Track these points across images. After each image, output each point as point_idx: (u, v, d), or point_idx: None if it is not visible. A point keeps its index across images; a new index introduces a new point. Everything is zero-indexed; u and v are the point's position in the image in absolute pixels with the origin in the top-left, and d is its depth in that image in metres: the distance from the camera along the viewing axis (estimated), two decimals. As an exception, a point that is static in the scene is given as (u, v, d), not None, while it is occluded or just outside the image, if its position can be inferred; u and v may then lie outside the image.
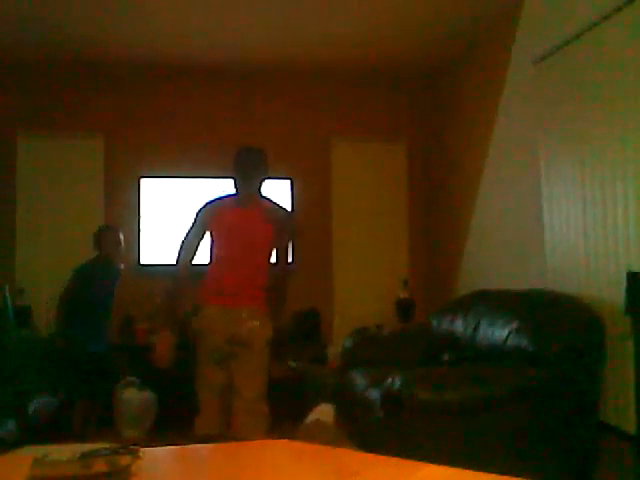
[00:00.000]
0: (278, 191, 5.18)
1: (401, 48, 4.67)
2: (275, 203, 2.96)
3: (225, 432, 2.63)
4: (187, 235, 2.85)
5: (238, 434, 2.56)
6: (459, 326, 3.51)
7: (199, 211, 2.91)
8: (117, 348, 4.54)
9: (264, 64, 4.95)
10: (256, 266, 2.82)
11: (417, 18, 4.11)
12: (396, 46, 4.62)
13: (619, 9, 2.73)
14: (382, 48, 4.66)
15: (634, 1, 2.64)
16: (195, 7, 3.88)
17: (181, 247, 2.82)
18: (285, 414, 3.98)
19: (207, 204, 2.94)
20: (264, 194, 2.99)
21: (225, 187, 5.16)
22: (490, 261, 4.27)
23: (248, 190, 2.93)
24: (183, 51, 4.66)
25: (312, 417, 3.21)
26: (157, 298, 3.54)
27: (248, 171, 2.93)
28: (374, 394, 2.94)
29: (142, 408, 3.99)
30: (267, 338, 2.75)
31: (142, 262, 4.88)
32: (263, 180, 2.97)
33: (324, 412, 3.24)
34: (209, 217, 2.87)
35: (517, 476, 1.03)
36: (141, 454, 1.19)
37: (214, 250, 2.85)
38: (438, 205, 5.29)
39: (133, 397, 3.98)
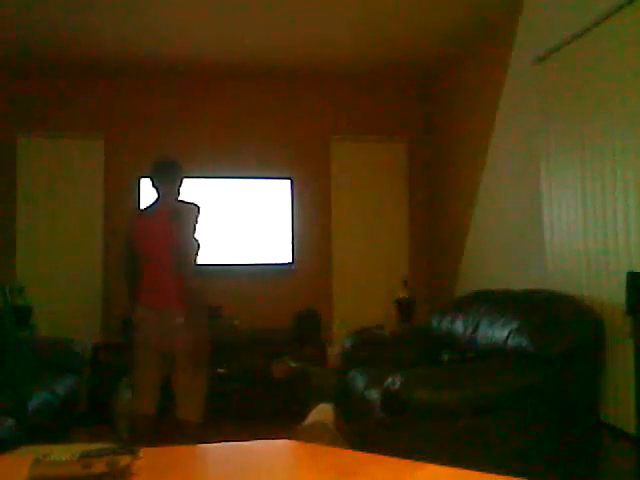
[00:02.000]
0: (278, 191, 5.20)
1: (401, 48, 4.67)
2: (183, 201, 3.15)
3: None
4: None
5: None
6: (459, 326, 3.51)
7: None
8: (117, 348, 4.55)
9: (264, 64, 4.95)
10: (170, 267, 3.00)
11: (417, 18, 4.11)
12: (396, 46, 4.62)
13: (619, 9, 2.73)
14: (382, 48, 4.65)
15: (634, 1, 2.64)
16: (195, 7, 3.88)
17: None
18: (285, 414, 3.99)
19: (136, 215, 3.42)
20: (180, 197, 3.20)
21: (225, 187, 5.19)
22: (490, 261, 4.27)
23: (165, 197, 3.14)
24: (183, 51, 4.66)
25: (311, 418, 3.20)
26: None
27: (162, 179, 3.14)
28: (374, 394, 2.94)
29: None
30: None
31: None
32: (179, 185, 3.18)
33: (323, 413, 3.23)
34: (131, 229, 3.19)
35: (517, 476, 1.03)
36: (141, 454, 1.19)
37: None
38: (438, 205, 5.29)
39: (133, 397, 3.97)
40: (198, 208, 3.05)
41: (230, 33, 4.33)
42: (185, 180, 3.21)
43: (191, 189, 5.00)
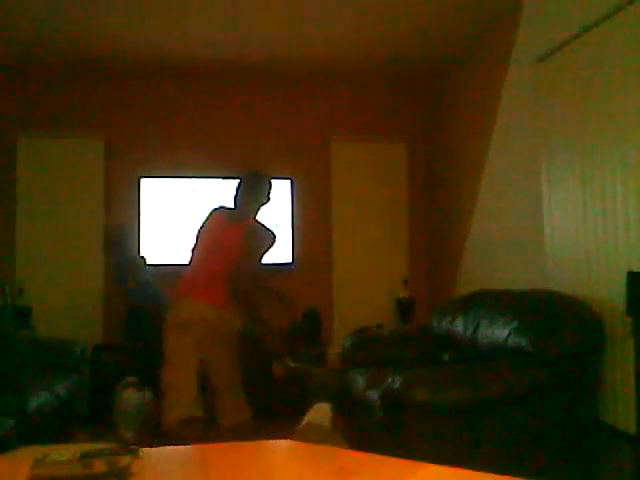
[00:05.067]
0: (278, 191, 5.19)
1: (401, 48, 4.67)
2: (261, 224, 3.24)
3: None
4: None
5: None
6: (459, 326, 3.51)
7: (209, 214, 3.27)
8: (117, 348, 4.56)
9: (264, 64, 4.95)
10: (220, 274, 3.08)
11: (417, 18, 4.11)
12: (396, 46, 4.62)
13: (619, 9, 2.73)
14: (382, 48, 4.65)
15: (634, 1, 2.64)
16: (195, 7, 3.88)
17: None
18: (285, 414, 3.98)
19: (215, 210, 3.29)
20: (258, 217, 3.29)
21: (224, 187, 5.19)
22: (490, 261, 4.27)
23: (244, 210, 3.20)
24: (183, 51, 4.65)
25: (307, 418, 3.20)
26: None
27: (251, 196, 3.20)
28: (374, 394, 2.94)
29: (142, 408, 3.99)
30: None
31: (142, 262, 4.87)
32: (262, 205, 3.24)
33: (320, 413, 3.23)
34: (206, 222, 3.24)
35: (517, 476, 1.03)
36: (141, 454, 1.19)
37: (194, 253, 3.19)
38: (438, 205, 5.29)
39: (132, 397, 3.97)
40: (274, 237, 3.16)
41: (230, 33, 4.33)
42: (187, 180, 3.25)
43: (191, 189, 5.02)
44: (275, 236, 3.16)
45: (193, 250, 3.21)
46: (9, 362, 3.11)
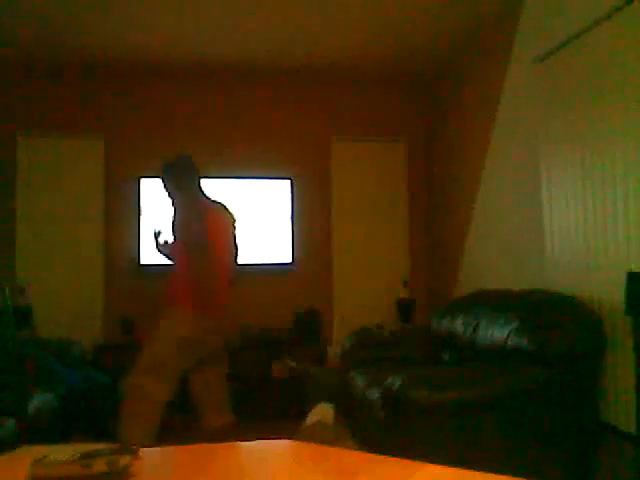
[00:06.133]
0: (278, 191, 5.20)
1: (401, 48, 4.67)
2: (221, 203, 2.91)
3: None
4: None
5: None
6: (459, 326, 3.51)
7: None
8: (117, 348, 4.56)
9: (265, 65, 4.95)
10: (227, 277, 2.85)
11: (417, 18, 4.11)
12: (396, 46, 4.62)
13: (619, 9, 2.73)
14: (382, 48, 4.66)
15: (634, 1, 2.64)
16: (195, 8, 3.88)
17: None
18: (285, 414, 3.99)
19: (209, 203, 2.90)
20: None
21: (225, 187, 5.19)
22: (490, 261, 4.27)
23: (201, 196, 2.83)
24: (183, 51, 4.66)
25: (312, 418, 3.21)
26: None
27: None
28: (374, 394, 2.94)
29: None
30: None
31: (142, 262, 4.87)
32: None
33: (323, 412, 3.23)
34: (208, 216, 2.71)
35: (517, 476, 1.03)
36: (141, 454, 1.19)
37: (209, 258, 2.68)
38: (438, 205, 5.29)
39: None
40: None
41: (230, 34, 4.33)
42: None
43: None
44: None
45: (204, 250, 2.62)
46: (9, 362, 3.11)
